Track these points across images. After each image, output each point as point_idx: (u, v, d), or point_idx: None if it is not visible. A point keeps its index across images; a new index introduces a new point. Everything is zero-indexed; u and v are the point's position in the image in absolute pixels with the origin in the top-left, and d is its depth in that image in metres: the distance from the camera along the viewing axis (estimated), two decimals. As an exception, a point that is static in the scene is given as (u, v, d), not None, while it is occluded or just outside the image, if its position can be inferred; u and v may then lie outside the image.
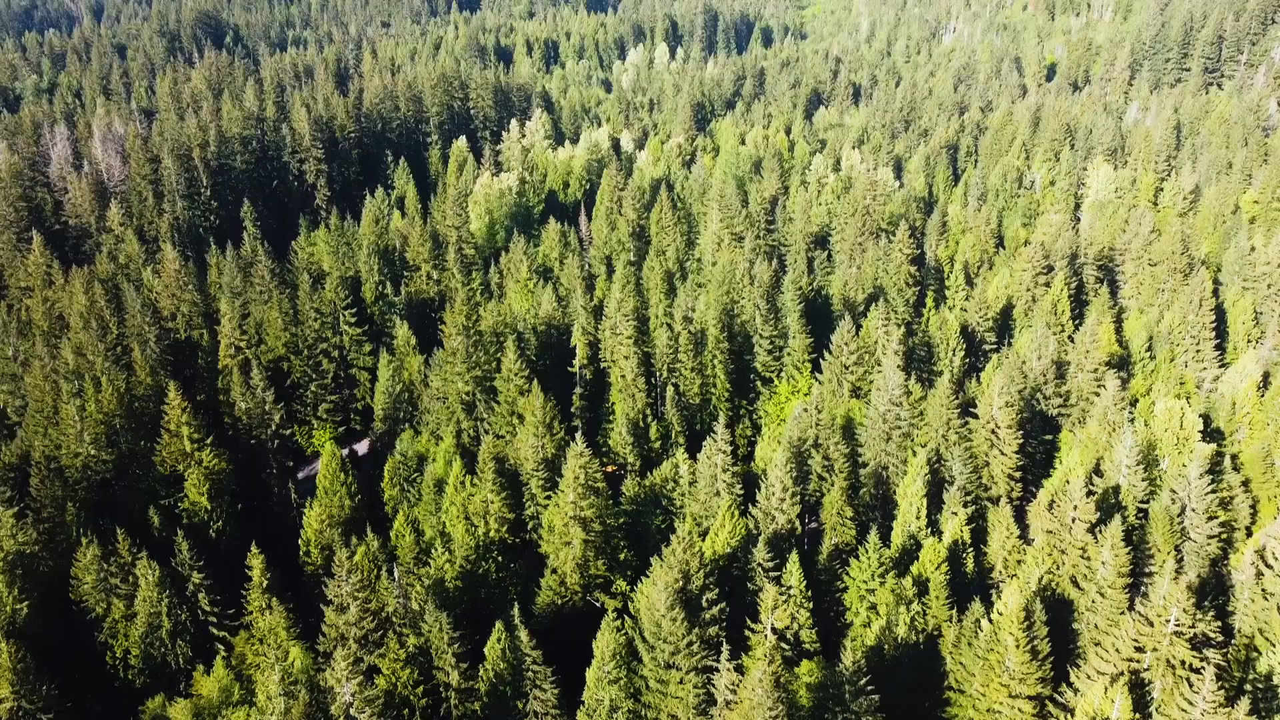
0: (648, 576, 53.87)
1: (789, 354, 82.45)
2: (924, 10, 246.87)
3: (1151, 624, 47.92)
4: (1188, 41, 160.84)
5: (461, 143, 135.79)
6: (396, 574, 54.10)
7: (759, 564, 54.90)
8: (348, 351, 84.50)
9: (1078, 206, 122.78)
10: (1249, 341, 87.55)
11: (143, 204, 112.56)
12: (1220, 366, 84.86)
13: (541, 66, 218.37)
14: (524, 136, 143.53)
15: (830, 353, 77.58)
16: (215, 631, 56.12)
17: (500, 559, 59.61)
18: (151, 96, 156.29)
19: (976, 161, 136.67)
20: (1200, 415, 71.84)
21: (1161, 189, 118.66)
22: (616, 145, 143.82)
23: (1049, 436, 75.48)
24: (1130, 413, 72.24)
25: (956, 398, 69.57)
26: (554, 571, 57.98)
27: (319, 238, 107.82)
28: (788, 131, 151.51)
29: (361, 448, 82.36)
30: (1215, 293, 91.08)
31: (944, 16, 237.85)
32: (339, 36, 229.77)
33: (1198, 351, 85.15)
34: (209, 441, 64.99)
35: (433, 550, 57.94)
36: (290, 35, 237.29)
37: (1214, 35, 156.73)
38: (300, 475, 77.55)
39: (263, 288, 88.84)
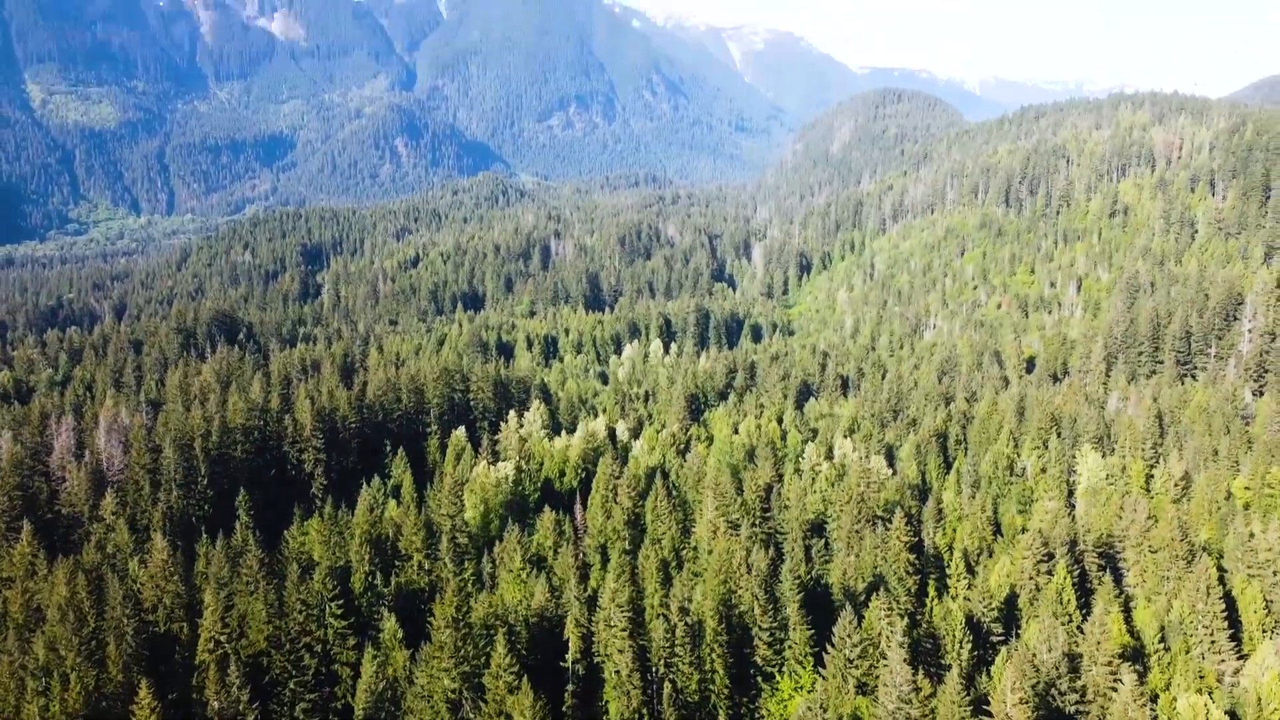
0: None
1: (790, 647, 79.48)
2: (904, 309, 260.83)
3: None
4: (1157, 336, 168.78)
5: (460, 432, 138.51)
6: None
7: None
8: (331, 645, 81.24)
9: (1071, 493, 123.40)
10: (1264, 631, 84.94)
11: (138, 493, 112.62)
12: (1239, 658, 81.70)
13: (541, 360, 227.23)
14: (522, 426, 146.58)
15: (833, 645, 74.82)
16: None
17: None
18: (161, 389, 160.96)
19: (966, 449, 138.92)
20: (1226, 712, 68.27)
21: (1152, 475, 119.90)
22: (612, 434, 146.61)
23: (1069, 737, 71.22)
24: (1152, 709, 68.62)
25: (968, 694, 66.34)
26: None
27: (312, 527, 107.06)
28: (780, 421, 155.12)
29: (338, 752, 77.07)
30: (1221, 580, 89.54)
31: (923, 314, 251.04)
32: (348, 333, 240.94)
33: (1212, 642, 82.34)
34: (175, 746, 60.96)
35: None
36: (301, 332, 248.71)
37: (1181, 330, 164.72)
38: (270, 784, 72.03)
39: (250, 578, 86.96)
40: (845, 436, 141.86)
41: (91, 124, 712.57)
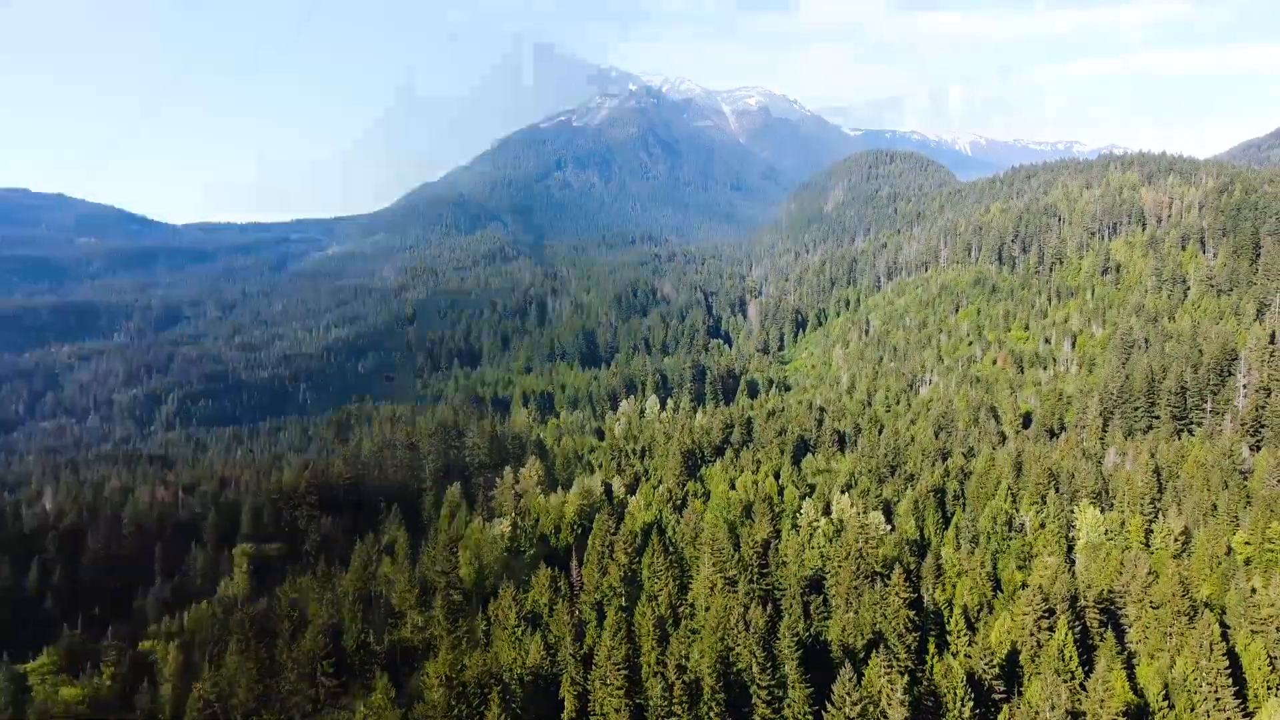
0: None
1: (789, 705, 78.20)
2: (900, 365, 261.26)
3: None
4: (1153, 392, 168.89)
5: (455, 489, 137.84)
6: None
7: None
8: (323, 705, 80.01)
9: (1070, 549, 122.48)
10: (1268, 688, 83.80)
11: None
12: (1244, 716, 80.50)
13: (537, 416, 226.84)
14: (517, 483, 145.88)
15: (833, 704, 73.68)
16: None
17: None
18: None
19: (964, 505, 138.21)
20: (1233, 772, 67.09)
21: (1151, 531, 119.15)
22: (609, 490, 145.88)
23: (1075, 798, 69.84)
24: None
25: (970, 753, 65.18)
26: None
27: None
28: (776, 476, 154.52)
29: (327, 816, 75.46)
30: (1224, 636, 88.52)
31: (919, 370, 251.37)
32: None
33: (1217, 700, 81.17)
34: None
35: None
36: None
37: (1176, 386, 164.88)
38: None
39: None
40: (843, 492, 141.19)
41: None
